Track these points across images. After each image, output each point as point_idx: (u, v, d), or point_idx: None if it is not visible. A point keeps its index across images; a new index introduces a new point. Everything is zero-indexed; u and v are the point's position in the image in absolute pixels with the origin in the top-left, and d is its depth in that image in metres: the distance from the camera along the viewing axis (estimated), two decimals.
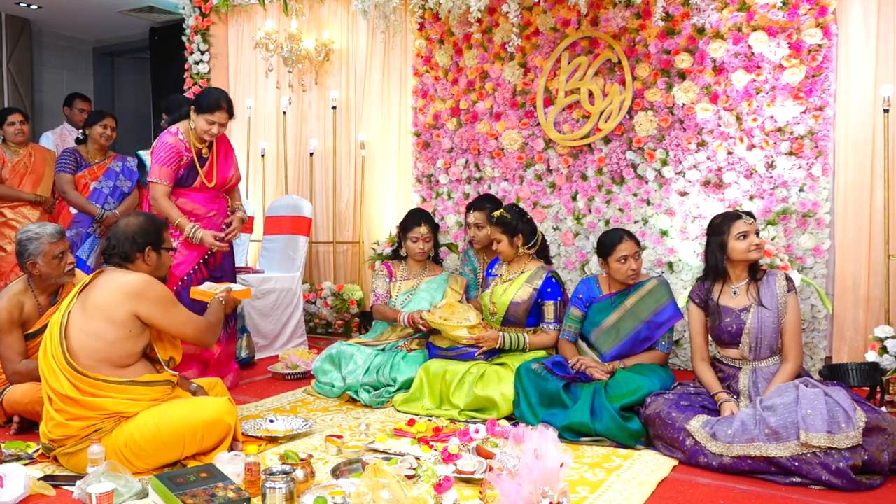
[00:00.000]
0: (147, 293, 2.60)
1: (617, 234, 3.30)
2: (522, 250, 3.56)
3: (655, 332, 3.26)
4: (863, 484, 2.43)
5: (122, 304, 2.57)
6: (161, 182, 3.59)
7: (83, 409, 2.51)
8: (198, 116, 3.62)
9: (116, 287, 2.60)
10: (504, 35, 4.68)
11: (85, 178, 4.59)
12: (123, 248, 2.69)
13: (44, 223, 3.26)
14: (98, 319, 2.56)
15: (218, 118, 3.62)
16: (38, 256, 3.07)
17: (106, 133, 4.61)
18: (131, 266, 2.70)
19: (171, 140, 3.61)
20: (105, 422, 2.52)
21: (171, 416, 2.54)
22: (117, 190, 4.64)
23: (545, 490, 1.99)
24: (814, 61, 3.80)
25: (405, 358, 3.69)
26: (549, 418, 2.97)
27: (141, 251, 2.70)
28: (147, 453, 2.52)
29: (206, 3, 5.87)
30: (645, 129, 4.28)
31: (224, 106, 3.64)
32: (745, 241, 2.93)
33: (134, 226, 2.72)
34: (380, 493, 2.09)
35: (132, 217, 2.78)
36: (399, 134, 5.30)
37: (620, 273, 3.26)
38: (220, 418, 2.62)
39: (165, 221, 2.98)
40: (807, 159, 3.85)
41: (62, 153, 4.65)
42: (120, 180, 4.66)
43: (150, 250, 2.72)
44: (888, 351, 3.36)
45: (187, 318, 2.72)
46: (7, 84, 6.59)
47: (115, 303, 2.57)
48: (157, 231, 2.76)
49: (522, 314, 3.52)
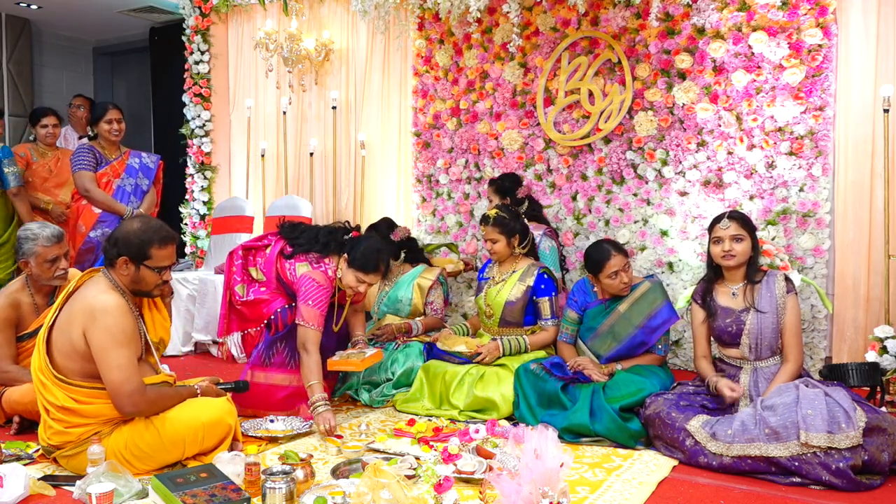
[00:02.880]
0: (99, 319, 2.42)
1: (605, 250, 3.26)
2: (518, 250, 3.56)
3: (651, 336, 3.25)
4: (863, 484, 2.43)
5: (77, 321, 2.46)
6: (315, 329, 3.07)
7: (81, 417, 2.49)
8: (349, 270, 3.15)
9: (82, 303, 2.48)
10: (504, 35, 4.68)
11: (106, 175, 4.31)
12: (108, 249, 2.56)
13: (46, 224, 3.26)
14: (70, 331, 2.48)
15: (370, 280, 3.17)
16: (30, 257, 3.08)
17: (113, 128, 4.32)
18: (112, 271, 2.56)
19: (324, 281, 3.16)
20: (104, 426, 2.52)
21: (171, 417, 2.54)
22: (138, 188, 4.41)
23: (545, 490, 1.99)
24: (814, 61, 3.79)
25: (402, 351, 3.72)
26: (548, 419, 2.97)
27: (118, 257, 2.53)
28: (147, 455, 2.52)
29: (206, 3, 5.87)
30: (645, 129, 4.28)
31: (382, 269, 3.18)
32: (719, 246, 2.93)
33: (125, 229, 2.57)
34: (380, 493, 2.09)
35: (135, 220, 2.63)
36: (399, 134, 5.30)
37: (613, 288, 3.28)
38: (221, 418, 2.62)
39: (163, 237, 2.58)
40: (807, 159, 3.85)
41: (78, 149, 4.34)
42: (139, 178, 4.43)
43: (128, 261, 2.52)
44: (888, 351, 3.35)
45: (119, 367, 2.41)
46: (7, 84, 6.59)
47: (75, 318, 2.47)
48: (141, 244, 2.52)
49: (518, 313, 3.52)
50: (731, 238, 2.91)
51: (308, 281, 3.14)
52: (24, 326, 3.15)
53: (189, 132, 5.97)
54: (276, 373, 3.32)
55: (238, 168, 6.00)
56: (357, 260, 3.13)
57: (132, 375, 2.44)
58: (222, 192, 6.03)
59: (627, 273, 3.27)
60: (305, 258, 3.25)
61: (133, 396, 2.43)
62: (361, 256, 3.12)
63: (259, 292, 3.37)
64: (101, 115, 4.33)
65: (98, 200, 4.25)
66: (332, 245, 3.24)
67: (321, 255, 3.24)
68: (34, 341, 3.12)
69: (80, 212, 4.32)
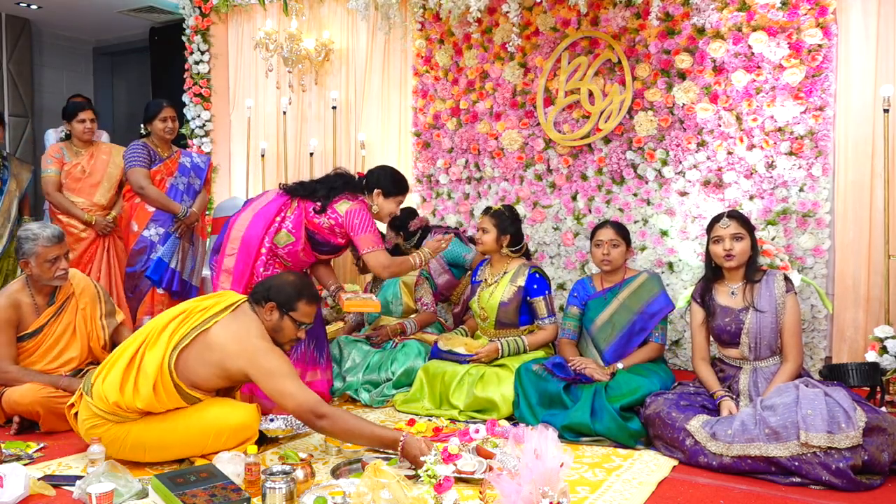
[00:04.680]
0: (259, 362, 2.53)
1: (604, 223, 3.46)
2: (505, 251, 3.56)
3: (649, 322, 3.30)
4: (863, 484, 2.43)
5: (228, 350, 2.56)
6: (379, 248, 3.34)
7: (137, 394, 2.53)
8: (387, 200, 3.46)
9: (242, 341, 2.57)
10: (504, 35, 4.68)
11: (160, 173, 4.22)
12: (258, 291, 2.68)
13: (46, 224, 3.25)
14: (212, 355, 2.57)
15: (404, 199, 3.56)
16: (31, 257, 3.08)
17: (167, 126, 4.23)
18: (258, 309, 2.65)
19: (368, 210, 3.41)
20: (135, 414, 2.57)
21: (202, 416, 2.59)
22: (190, 188, 4.33)
23: (545, 490, 1.99)
24: (814, 61, 3.79)
25: (401, 350, 3.73)
26: (548, 418, 2.97)
27: (267, 302, 2.64)
28: (166, 447, 2.58)
29: (206, 3, 5.87)
30: (645, 129, 4.28)
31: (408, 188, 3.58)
32: (719, 245, 2.94)
33: (282, 278, 2.72)
34: (380, 493, 2.09)
35: (292, 274, 2.81)
36: (399, 134, 5.30)
37: (595, 257, 3.41)
38: (249, 424, 2.67)
39: (313, 295, 2.73)
40: (807, 159, 3.85)
41: (132, 146, 4.21)
42: (191, 177, 4.34)
43: (275, 308, 2.64)
44: (888, 351, 3.36)
45: (296, 393, 2.50)
46: (7, 84, 6.58)
47: (228, 348, 2.56)
48: (291, 296, 2.64)
49: (513, 314, 3.52)
50: (732, 237, 2.91)
51: (357, 213, 3.33)
52: (25, 327, 3.15)
53: (189, 132, 5.97)
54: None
55: (238, 168, 6.00)
56: (393, 188, 3.45)
57: (309, 397, 2.52)
58: (222, 191, 6.02)
59: (613, 250, 3.34)
60: (341, 198, 3.38)
61: (319, 410, 2.49)
62: (395, 184, 3.46)
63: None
64: (155, 113, 4.23)
65: (152, 198, 4.16)
66: (356, 184, 3.47)
67: (353, 194, 3.42)
68: (35, 341, 3.15)
69: (134, 210, 4.21)
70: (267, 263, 3.35)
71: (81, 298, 3.28)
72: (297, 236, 3.36)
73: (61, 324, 3.21)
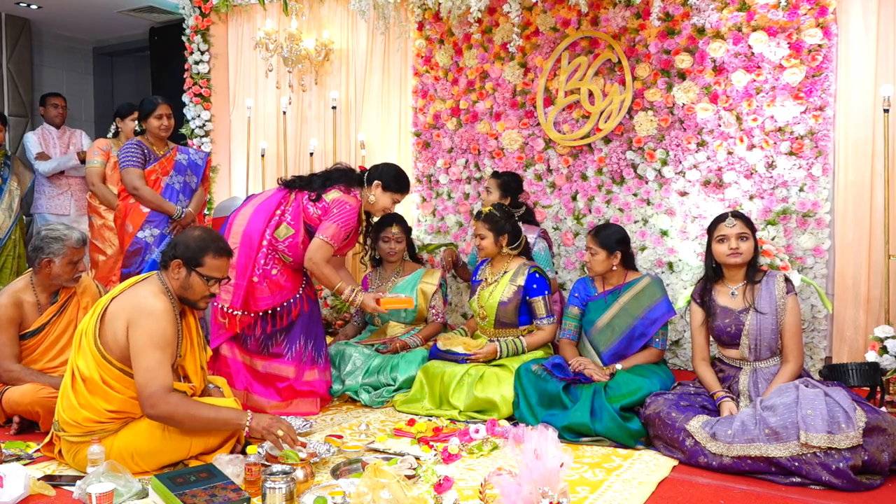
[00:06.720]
0: (142, 320, 2.47)
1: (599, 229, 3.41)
2: (506, 250, 3.56)
3: (650, 328, 3.28)
4: (863, 484, 2.43)
5: (123, 315, 2.51)
6: (332, 245, 3.29)
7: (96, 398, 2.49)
8: (385, 194, 3.42)
9: (132, 300, 2.53)
10: (504, 35, 4.68)
11: (155, 172, 4.07)
12: (166, 251, 2.63)
13: (72, 227, 3.28)
14: (115, 323, 2.52)
15: (402, 198, 3.53)
16: (57, 256, 3.09)
17: (163, 124, 4.08)
18: (165, 272, 2.61)
19: (355, 205, 3.38)
20: (111, 422, 2.52)
21: None
22: (187, 186, 4.18)
23: (545, 490, 1.99)
24: (814, 61, 3.79)
25: (404, 357, 3.70)
26: (548, 419, 2.98)
27: (172, 259, 2.58)
28: (150, 452, 2.53)
29: (206, 3, 5.87)
30: (645, 129, 4.28)
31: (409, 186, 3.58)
32: (724, 244, 2.93)
33: (186, 234, 2.64)
34: (380, 493, 2.09)
35: (197, 228, 2.69)
36: (399, 134, 5.30)
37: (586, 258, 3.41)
38: None
39: (220, 248, 2.63)
40: (807, 159, 3.85)
41: (126, 145, 4.07)
42: (188, 175, 4.19)
43: (181, 265, 2.57)
44: (888, 351, 3.35)
45: (147, 368, 2.43)
46: (7, 84, 6.58)
47: (122, 313, 2.51)
48: (197, 250, 2.57)
49: (512, 314, 3.52)
50: (737, 236, 2.92)
51: (341, 203, 3.34)
52: (27, 325, 3.15)
53: (189, 132, 5.97)
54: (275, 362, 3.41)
55: (238, 168, 6.00)
56: (393, 183, 3.43)
57: (157, 378, 2.43)
58: (222, 191, 6.02)
59: (593, 257, 3.35)
60: (335, 188, 3.40)
61: (152, 398, 2.42)
62: (396, 180, 3.45)
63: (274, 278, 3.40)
64: (150, 110, 4.09)
65: (147, 199, 4.02)
66: (354, 177, 3.46)
67: (348, 186, 3.42)
68: (36, 340, 3.16)
69: (128, 211, 4.07)
70: (268, 257, 3.37)
71: (83, 297, 3.29)
72: (297, 228, 3.37)
73: (62, 322, 3.22)
